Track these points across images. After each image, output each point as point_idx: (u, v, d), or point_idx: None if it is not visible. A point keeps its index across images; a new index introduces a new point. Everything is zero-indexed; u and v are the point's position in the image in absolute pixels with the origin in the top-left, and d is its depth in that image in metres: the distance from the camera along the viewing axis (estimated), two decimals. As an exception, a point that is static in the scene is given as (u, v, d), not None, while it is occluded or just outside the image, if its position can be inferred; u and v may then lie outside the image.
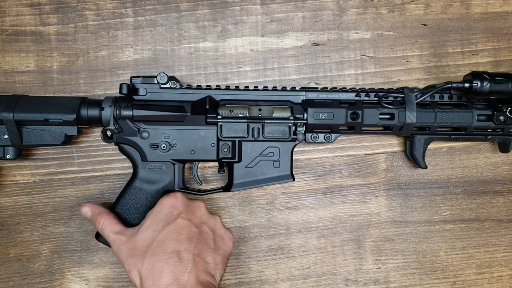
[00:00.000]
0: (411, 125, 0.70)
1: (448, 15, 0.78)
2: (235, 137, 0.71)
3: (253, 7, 0.76)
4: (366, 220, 0.77)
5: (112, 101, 0.70)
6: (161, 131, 0.71)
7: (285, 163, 0.72)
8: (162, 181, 0.72)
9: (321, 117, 0.71)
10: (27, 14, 0.75)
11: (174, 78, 0.71)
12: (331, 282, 0.77)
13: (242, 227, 0.76)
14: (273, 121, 0.71)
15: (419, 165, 0.74)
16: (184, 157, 0.72)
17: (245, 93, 0.72)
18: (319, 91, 0.72)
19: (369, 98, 0.72)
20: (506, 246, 0.78)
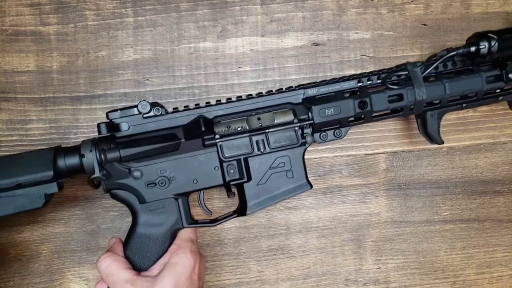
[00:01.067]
0: (422, 102, 0.66)
1: (448, 15, 0.78)
2: (239, 155, 0.65)
3: (253, 7, 0.76)
4: (366, 220, 0.77)
5: (92, 145, 0.62)
6: (155, 166, 0.64)
7: (299, 170, 0.66)
8: (168, 221, 0.64)
9: (328, 113, 0.65)
10: (27, 14, 0.75)
11: (158, 104, 0.64)
12: (331, 282, 0.77)
13: (242, 227, 0.76)
14: (276, 129, 0.65)
15: (436, 141, 0.69)
16: (186, 189, 0.64)
17: (240, 104, 0.66)
18: (319, 85, 0.67)
19: (372, 82, 0.67)
20: (506, 246, 0.78)
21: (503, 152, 0.79)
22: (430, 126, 0.69)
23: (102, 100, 0.75)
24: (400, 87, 0.66)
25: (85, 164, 0.62)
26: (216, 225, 0.68)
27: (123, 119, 0.63)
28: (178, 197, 0.65)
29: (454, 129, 0.78)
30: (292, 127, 0.65)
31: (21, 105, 0.74)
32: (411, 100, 0.66)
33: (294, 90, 0.67)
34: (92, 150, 0.62)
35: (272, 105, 0.66)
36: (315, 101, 0.66)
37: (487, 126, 0.78)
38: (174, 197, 0.65)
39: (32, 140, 0.74)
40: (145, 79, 0.75)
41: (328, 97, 0.66)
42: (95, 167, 0.61)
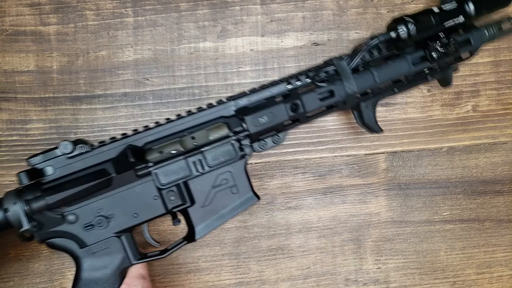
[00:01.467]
0: (353, 94, 0.66)
1: (448, 15, 0.78)
2: (177, 179, 0.62)
3: (253, 7, 0.76)
4: (366, 220, 0.77)
5: (16, 196, 0.58)
6: (89, 206, 0.60)
7: (243, 184, 0.64)
8: (114, 261, 0.61)
9: (262, 121, 0.63)
10: (27, 14, 0.75)
11: (81, 140, 0.61)
12: (331, 282, 0.77)
13: (242, 227, 0.76)
14: (212, 146, 0.63)
15: (374, 130, 0.69)
16: (127, 224, 0.61)
17: (170, 126, 0.63)
18: (248, 95, 0.66)
19: (302, 82, 0.66)
20: (506, 246, 0.78)
21: (503, 152, 0.79)
22: (366, 116, 0.69)
23: (102, 100, 0.75)
24: (329, 83, 0.65)
25: (10, 219, 0.57)
26: (166, 256, 0.65)
27: (46, 163, 0.60)
28: (120, 235, 0.62)
29: (454, 129, 0.78)
30: (228, 141, 0.63)
31: (21, 105, 0.74)
32: (342, 94, 0.66)
33: (225, 103, 0.65)
34: (16, 202, 0.57)
35: (205, 122, 0.64)
36: (248, 111, 0.64)
37: (487, 126, 0.78)
38: (116, 235, 0.61)
39: (32, 140, 0.74)
40: (145, 79, 0.75)
41: (260, 105, 0.65)
42: (22, 220, 0.57)
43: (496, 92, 0.78)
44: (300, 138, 0.76)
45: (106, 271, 0.61)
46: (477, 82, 0.78)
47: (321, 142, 0.77)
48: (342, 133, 0.77)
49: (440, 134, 0.78)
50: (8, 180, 0.74)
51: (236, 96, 0.66)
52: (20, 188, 0.60)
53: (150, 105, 0.75)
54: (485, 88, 0.78)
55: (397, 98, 0.77)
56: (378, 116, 0.77)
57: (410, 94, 0.77)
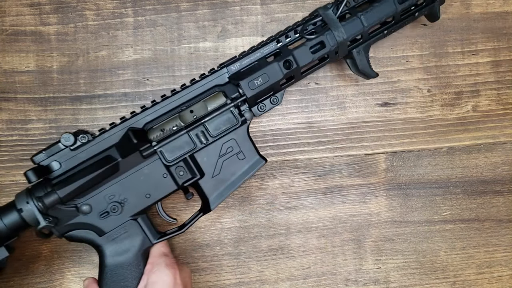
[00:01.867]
0: (344, 42, 0.65)
1: (448, 15, 0.78)
2: (183, 154, 0.62)
3: (253, 7, 0.76)
4: (366, 220, 0.77)
5: (27, 196, 0.58)
6: (101, 194, 0.61)
7: (249, 149, 0.65)
8: (135, 244, 0.62)
9: (257, 83, 0.63)
10: (27, 14, 0.75)
11: (82, 131, 0.61)
12: (331, 282, 0.77)
13: (242, 227, 0.76)
14: (212, 116, 0.63)
15: (370, 75, 0.69)
16: (141, 206, 0.62)
17: (167, 103, 0.63)
18: (240, 59, 0.65)
19: (291, 38, 0.66)
20: (506, 246, 0.78)
21: (503, 152, 0.79)
22: (360, 63, 0.68)
23: (102, 100, 0.75)
24: (318, 34, 0.65)
25: (26, 218, 0.58)
26: (185, 231, 0.66)
27: (51, 158, 0.60)
28: (136, 217, 0.63)
29: (454, 129, 0.78)
30: (227, 109, 0.63)
31: (21, 105, 0.74)
32: (333, 44, 0.65)
33: (218, 71, 0.65)
34: (29, 201, 0.58)
35: (201, 93, 0.64)
36: (241, 75, 0.64)
37: (487, 126, 0.78)
38: (132, 218, 0.62)
39: (32, 140, 0.74)
40: (145, 79, 0.75)
41: (252, 68, 0.64)
42: (38, 217, 0.57)
43: (496, 92, 0.78)
44: (300, 138, 0.76)
45: (129, 254, 0.62)
46: (477, 82, 0.78)
47: (321, 142, 0.77)
48: (342, 133, 0.77)
49: (440, 134, 0.78)
50: (8, 180, 0.74)
51: (227, 63, 0.65)
52: (29, 187, 0.60)
53: (150, 105, 0.75)
54: (485, 88, 0.78)
55: (397, 98, 0.77)
56: (378, 116, 0.77)
57: (410, 94, 0.77)
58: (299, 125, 0.77)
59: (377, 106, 0.77)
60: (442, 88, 0.78)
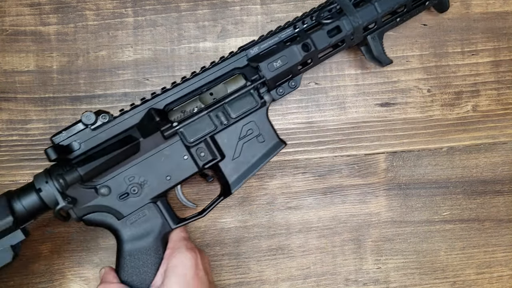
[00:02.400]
0: (360, 27, 0.66)
1: (448, 15, 0.78)
2: (204, 135, 0.62)
3: (253, 7, 0.76)
4: (366, 220, 0.77)
5: (47, 176, 0.57)
6: (121, 175, 0.60)
7: (268, 132, 0.65)
8: (155, 228, 0.61)
9: (276, 66, 0.63)
10: (27, 14, 0.75)
11: (102, 111, 0.60)
12: (331, 282, 0.77)
13: (242, 227, 0.76)
14: (232, 97, 0.63)
15: (385, 62, 0.70)
16: (162, 188, 0.61)
17: (187, 85, 0.63)
18: (259, 42, 0.65)
19: (308, 24, 0.66)
20: (506, 246, 0.78)
21: (503, 152, 0.79)
22: (375, 49, 0.69)
23: (102, 100, 0.75)
24: (334, 19, 0.65)
25: (45, 199, 0.57)
26: (205, 215, 0.65)
27: (71, 138, 0.59)
28: (156, 200, 0.62)
29: (454, 129, 0.78)
30: (247, 90, 0.63)
31: (21, 105, 0.74)
32: (349, 29, 0.65)
33: (237, 54, 0.65)
34: (48, 180, 0.57)
35: (220, 76, 0.64)
36: (260, 58, 0.64)
37: (487, 126, 0.78)
38: (152, 201, 0.61)
39: (32, 140, 0.74)
40: (145, 79, 0.75)
41: (271, 51, 0.65)
42: (57, 197, 0.56)
43: (496, 92, 0.78)
44: (300, 138, 0.76)
45: (148, 239, 0.61)
46: (477, 82, 0.78)
47: (321, 142, 0.77)
48: (342, 133, 0.77)
49: (440, 134, 0.78)
50: (8, 180, 0.74)
51: (246, 46, 0.65)
52: (48, 168, 0.59)
53: (150, 105, 0.75)
54: (485, 88, 0.78)
55: (397, 98, 0.77)
56: (378, 116, 0.77)
57: (410, 94, 0.77)
58: (299, 125, 0.77)
59: (377, 106, 0.77)
60: (442, 88, 0.78)
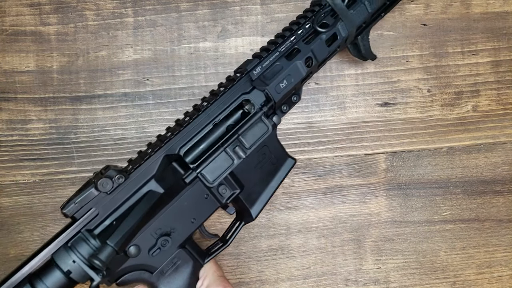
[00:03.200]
0: (353, 30, 0.65)
1: (448, 15, 0.78)
2: (223, 172, 0.59)
3: (253, 7, 0.76)
4: (366, 220, 0.77)
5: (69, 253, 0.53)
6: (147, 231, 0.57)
7: (278, 152, 0.64)
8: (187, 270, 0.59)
9: (282, 86, 0.61)
10: (27, 14, 0.75)
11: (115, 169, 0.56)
12: (331, 282, 0.77)
13: (242, 227, 0.76)
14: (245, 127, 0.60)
15: (370, 58, 0.69)
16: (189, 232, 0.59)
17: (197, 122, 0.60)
18: (260, 62, 0.62)
19: (305, 32, 0.64)
20: (506, 246, 0.78)
21: (503, 152, 0.79)
22: (362, 47, 0.68)
23: (102, 100, 0.75)
24: (331, 27, 0.63)
25: (75, 278, 0.53)
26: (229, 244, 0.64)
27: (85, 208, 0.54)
28: (184, 244, 0.60)
29: (454, 129, 0.78)
30: (258, 117, 0.61)
31: (21, 105, 0.74)
32: (344, 34, 0.65)
33: (242, 79, 0.62)
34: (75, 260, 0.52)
35: (228, 105, 0.61)
36: (265, 80, 0.62)
37: (487, 126, 0.78)
38: (181, 246, 0.59)
39: (32, 140, 0.74)
40: (145, 79, 0.75)
41: (274, 70, 0.62)
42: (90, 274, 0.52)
43: (496, 92, 0.78)
44: (300, 138, 0.76)
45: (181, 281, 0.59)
46: (477, 82, 0.78)
47: (321, 142, 0.77)
48: (342, 133, 0.77)
49: (440, 134, 0.78)
50: (8, 180, 0.74)
51: (250, 69, 0.62)
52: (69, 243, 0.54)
53: (150, 105, 0.75)
54: (485, 88, 0.78)
55: (397, 98, 0.77)
56: (378, 116, 0.77)
57: (410, 94, 0.77)
58: (299, 125, 0.77)
59: (377, 106, 0.77)
60: (442, 88, 0.78)
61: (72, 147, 0.75)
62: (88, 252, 0.53)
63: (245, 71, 0.62)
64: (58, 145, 0.74)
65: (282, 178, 0.64)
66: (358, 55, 0.70)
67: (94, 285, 0.52)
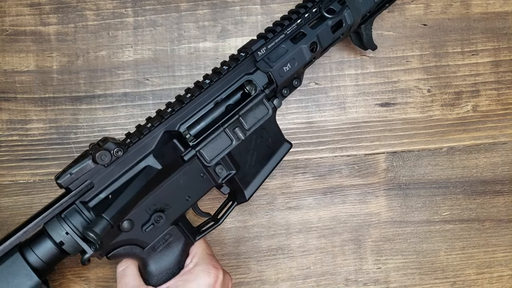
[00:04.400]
0: (359, 19, 0.65)
1: (448, 15, 0.78)
2: (222, 153, 0.59)
3: (253, 7, 0.76)
4: (366, 220, 0.77)
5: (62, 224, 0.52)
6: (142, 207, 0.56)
7: (275, 135, 0.63)
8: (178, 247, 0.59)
9: (286, 70, 0.61)
10: (27, 14, 0.75)
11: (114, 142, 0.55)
12: (331, 282, 0.77)
13: (242, 227, 0.76)
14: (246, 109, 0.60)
15: (371, 48, 0.69)
16: (182, 210, 0.59)
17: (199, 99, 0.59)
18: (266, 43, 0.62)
19: (310, 16, 0.63)
20: (506, 246, 0.78)
21: (503, 152, 0.79)
22: (365, 36, 0.68)
23: (102, 100, 0.75)
24: (338, 13, 0.63)
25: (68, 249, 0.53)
26: (221, 223, 0.65)
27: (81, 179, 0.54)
28: (177, 221, 0.60)
29: (454, 129, 0.78)
30: (259, 99, 0.61)
31: (21, 105, 0.74)
32: (350, 22, 0.64)
33: (246, 59, 0.62)
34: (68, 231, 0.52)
35: (231, 84, 0.61)
36: (269, 62, 0.61)
37: (487, 126, 0.78)
38: (174, 223, 0.60)
39: (32, 140, 0.74)
40: (145, 79, 0.75)
41: (279, 53, 0.62)
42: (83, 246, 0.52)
43: (496, 92, 0.78)
44: (300, 138, 0.76)
45: (171, 258, 0.59)
46: (477, 82, 0.78)
47: (321, 142, 0.77)
48: (342, 133, 0.77)
49: (440, 134, 0.78)
50: (8, 180, 0.74)
51: (254, 49, 0.62)
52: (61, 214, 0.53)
53: (150, 105, 0.75)
54: (485, 88, 0.78)
55: (397, 98, 0.77)
56: (378, 116, 0.77)
57: (410, 94, 0.77)
58: (299, 125, 0.77)
59: (377, 106, 0.77)
60: (442, 88, 0.78)
61: (72, 147, 0.75)
62: (82, 225, 0.53)
63: (250, 51, 0.62)
64: (58, 145, 0.74)
65: (277, 161, 0.64)
66: (359, 44, 0.70)
67: (86, 257, 0.52)
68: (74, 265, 0.74)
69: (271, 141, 0.64)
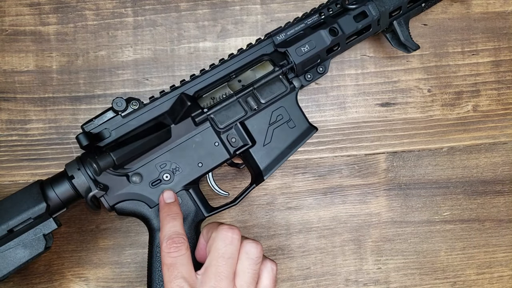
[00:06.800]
0: (386, 11, 0.65)
1: (448, 15, 0.78)
2: (234, 121, 0.62)
3: (253, 7, 0.76)
4: (366, 220, 0.77)
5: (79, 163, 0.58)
6: (153, 162, 0.60)
7: (298, 117, 0.65)
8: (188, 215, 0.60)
9: (304, 50, 0.63)
10: (26, 14, 0.75)
11: (133, 98, 0.60)
12: (331, 282, 0.77)
13: (242, 227, 0.76)
14: (261, 82, 0.63)
15: (412, 48, 0.69)
16: (194, 175, 0.61)
17: (216, 72, 0.63)
18: (285, 29, 0.65)
19: (334, 10, 0.66)
20: (507, 246, 0.78)
21: (503, 152, 0.78)
22: (401, 34, 0.68)
23: (102, 100, 0.75)
24: (360, 4, 0.65)
25: (78, 186, 0.57)
26: (237, 203, 0.65)
27: (101, 126, 0.60)
28: (188, 187, 0.62)
29: (454, 129, 0.78)
30: (276, 75, 0.63)
31: (20, 105, 0.74)
32: (375, 14, 0.65)
33: (264, 41, 0.65)
34: (80, 167, 0.58)
35: (248, 62, 0.64)
36: (288, 43, 0.64)
37: (487, 126, 0.78)
38: (184, 188, 0.61)
39: (31, 140, 0.74)
40: (145, 79, 0.75)
41: (298, 36, 0.65)
42: (89, 183, 0.57)
43: (496, 92, 0.78)
44: (300, 138, 0.76)
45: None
46: (477, 82, 0.78)
47: (321, 142, 0.77)
48: (342, 133, 0.77)
49: (440, 134, 0.78)
50: (8, 180, 0.74)
51: (273, 33, 0.65)
52: (79, 156, 0.59)
53: (150, 105, 0.75)
54: (485, 88, 0.78)
55: (397, 98, 0.77)
56: (378, 116, 0.77)
57: (410, 94, 0.77)
58: (299, 125, 0.76)
59: (377, 106, 0.77)
60: (442, 88, 0.78)
61: (72, 147, 0.75)
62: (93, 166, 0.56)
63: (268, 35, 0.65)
64: (58, 145, 0.74)
65: (299, 144, 0.65)
66: (398, 44, 0.70)
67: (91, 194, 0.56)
68: (73, 265, 0.74)
69: (293, 122, 0.65)
